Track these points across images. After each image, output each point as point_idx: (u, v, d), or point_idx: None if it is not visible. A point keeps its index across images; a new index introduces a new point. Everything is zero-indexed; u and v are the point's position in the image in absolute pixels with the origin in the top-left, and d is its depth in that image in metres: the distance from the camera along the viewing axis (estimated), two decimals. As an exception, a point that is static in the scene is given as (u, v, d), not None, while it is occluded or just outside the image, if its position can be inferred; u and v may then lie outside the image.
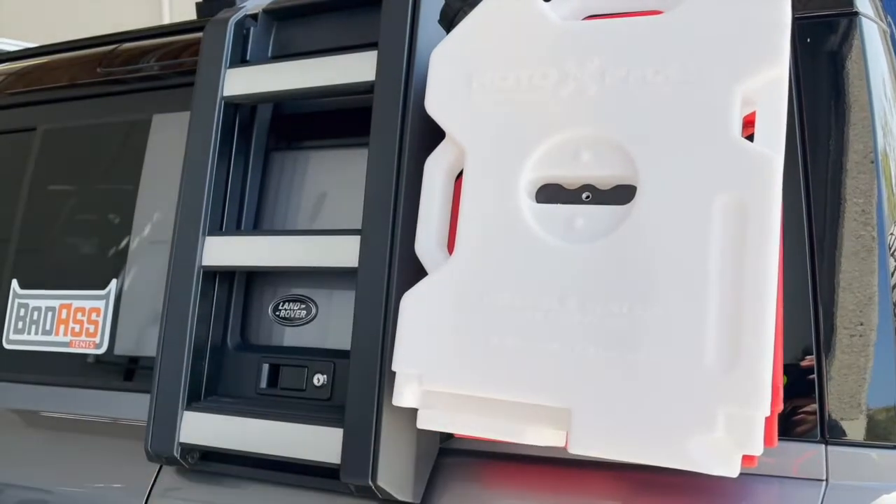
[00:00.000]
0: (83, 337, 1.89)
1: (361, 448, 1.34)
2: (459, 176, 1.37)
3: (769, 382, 1.08)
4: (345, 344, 1.46)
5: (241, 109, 1.68)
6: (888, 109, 1.33)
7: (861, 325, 1.25)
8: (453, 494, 1.41)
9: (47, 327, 1.94)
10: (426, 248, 1.36)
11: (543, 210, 1.27)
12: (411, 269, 1.36)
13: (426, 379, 1.28)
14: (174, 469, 1.61)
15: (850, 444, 1.23)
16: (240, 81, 1.64)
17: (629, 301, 1.16)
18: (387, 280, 1.38)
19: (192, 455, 1.55)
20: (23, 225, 2.07)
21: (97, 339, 1.87)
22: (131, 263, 1.87)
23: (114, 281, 1.88)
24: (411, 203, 1.39)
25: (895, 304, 1.25)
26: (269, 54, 1.72)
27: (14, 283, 2.02)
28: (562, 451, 1.21)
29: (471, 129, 1.33)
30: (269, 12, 1.72)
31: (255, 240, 1.61)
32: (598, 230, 1.22)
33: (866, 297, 1.25)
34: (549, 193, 1.28)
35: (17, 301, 2.00)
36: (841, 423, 1.23)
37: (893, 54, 1.37)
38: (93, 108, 2.06)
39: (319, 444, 1.40)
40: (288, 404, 1.52)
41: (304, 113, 1.76)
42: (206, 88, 1.65)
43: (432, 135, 1.39)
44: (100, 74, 2.08)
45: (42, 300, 1.97)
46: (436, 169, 1.37)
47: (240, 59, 1.68)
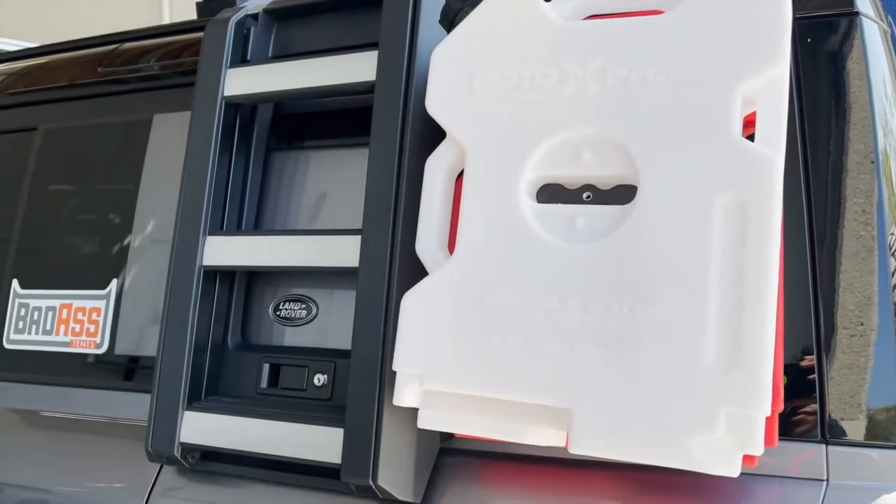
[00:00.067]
0: (83, 337, 1.89)
1: (362, 448, 1.34)
2: (460, 176, 1.37)
3: (770, 382, 1.08)
4: (345, 344, 1.46)
5: (242, 109, 1.68)
6: (888, 109, 1.32)
7: (861, 325, 1.25)
8: (454, 494, 1.41)
9: (48, 327, 1.94)
10: (427, 248, 1.36)
11: (544, 210, 1.27)
12: (412, 268, 1.36)
13: (427, 379, 1.28)
14: (175, 469, 1.61)
15: (851, 444, 1.23)
16: (240, 81, 1.64)
17: (630, 301, 1.16)
18: (387, 280, 1.38)
19: (193, 455, 1.55)
20: (23, 225, 2.07)
21: (97, 339, 1.86)
22: (132, 263, 1.87)
23: (114, 281, 1.88)
24: (412, 203, 1.39)
25: (895, 304, 1.25)
26: (269, 54, 1.72)
27: (15, 283, 2.02)
28: (562, 450, 1.21)
29: (471, 128, 1.33)
30: (270, 12, 1.72)
31: (256, 240, 1.61)
32: (598, 230, 1.22)
33: (866, 297, 1.25)
34: (550, 193, 1.28)
35: (17, 301, 2.00)
36: (841, 422, 1.23)
37: (894, 54, 1.37)
38: (93, 108, 2.06)
39: (320, 443, 1.40)
40: (288, 404, 1.52)
41: (305, 113, 1.76)
42: (206, 88, 1.65)
43: (433, 135, 1.39)
44: (100, 74, 2.08)
45: (42, 300, 1.97)
46: (436, 169, 1.37)
47: (240, 59, 1.68)
